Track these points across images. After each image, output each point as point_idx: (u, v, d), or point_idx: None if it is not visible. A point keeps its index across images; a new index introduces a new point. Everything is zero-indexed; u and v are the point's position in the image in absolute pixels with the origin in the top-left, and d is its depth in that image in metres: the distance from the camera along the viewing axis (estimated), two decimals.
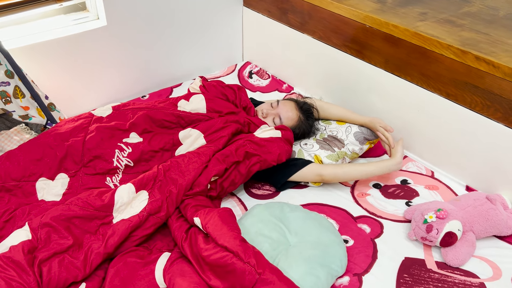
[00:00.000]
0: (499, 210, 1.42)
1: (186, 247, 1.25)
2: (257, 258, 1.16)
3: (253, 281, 1.11)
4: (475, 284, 1.29)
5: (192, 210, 1.34)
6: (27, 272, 1.12)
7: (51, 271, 1.16)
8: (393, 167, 1.56)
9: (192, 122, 1.59)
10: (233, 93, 1.73)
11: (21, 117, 1.54)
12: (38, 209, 1.35)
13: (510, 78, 1.38)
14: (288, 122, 1.68)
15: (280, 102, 1.72)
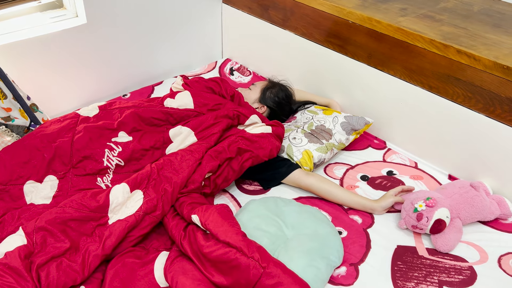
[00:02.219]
0: (482, 196, 1.49)
1: (185, 245, 1.25)
2: (260, 252, 1.17)
3: (257, 275, 1.12)
4: (465, 268, 1.35)
5: (188, 208, 1.33)
6: (25, 278, 1.09)
7: (49, 276, 1.13)
8: (376, 209, 1.52)
9: (181, 119, 1.58)
10: (217, 85, 1.72)
11: (3, 119, 1.49)
12: (29, 213, 1.31)
13: (490, 70, 1.44)
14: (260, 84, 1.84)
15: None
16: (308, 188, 1.59)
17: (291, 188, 1.63)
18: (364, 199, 1.54)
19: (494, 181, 1.59)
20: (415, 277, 1.32)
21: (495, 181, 1.59)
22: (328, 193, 1.55)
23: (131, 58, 2.09)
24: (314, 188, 1.57)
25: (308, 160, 1.66)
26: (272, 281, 1.11)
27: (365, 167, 1.75)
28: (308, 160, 1.66)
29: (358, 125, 1.78)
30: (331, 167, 1.75)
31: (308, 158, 1.67)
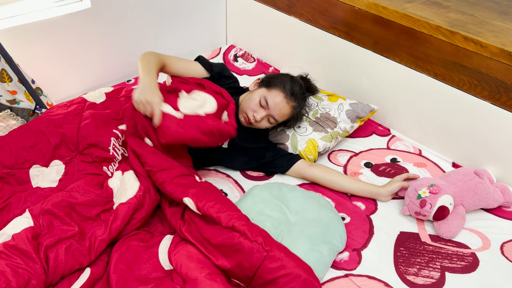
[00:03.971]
0: (486, 184, 1.49)
1: (186, 233, 1.25)
2: (263, 236, 1.17)
3: (261, 258, 1.13)
4: (467, 254, 1.36)
5: (175, 189, 1.30)
6: (33, 259, 1.10)
7: (58, 258, 1.14)
8: (380, 195, 1.51)
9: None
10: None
11: (9, 102, 1.49)
12: (35, 196, 1.32)
13: (497, 57, 1.43)
14: (283, 118, 1.58)
15: (269, 99, 1.53)
16: (313, 179, 1.59)
17: None
18: (370, 185, 1.54)
19: (499, 169, 1.59)
20: (417, 262, 1.33)
21: (500, 169, 1.59)
22: (333, 183, 1.56)
23: (136, 43, 2.08)
24: (318, 178, 1.57)
25: (313, 149, 1.66)
26: (275, 264, 1.12)
27: (369, 154, 1.75)
28: (312, 149, 1.66)
29: (363, 112, 1.78)
30: (334, 154, 1.75)
31: (313, 147, 1.66)
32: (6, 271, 1.06)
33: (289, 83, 1.57)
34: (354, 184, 1.54)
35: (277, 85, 1.56)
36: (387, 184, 1.54)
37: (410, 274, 1.29)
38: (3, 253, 1.09)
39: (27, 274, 1.08)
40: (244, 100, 1.60)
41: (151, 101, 1.29)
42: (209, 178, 1.60)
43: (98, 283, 1.19)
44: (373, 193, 1.53)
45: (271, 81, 1.58)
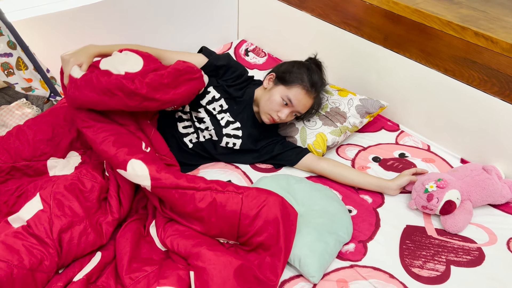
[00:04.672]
0: (494, 180, 1.49)
1: (166, 210, 1.30)
2: (231, 184, 1.25)
3: (239, 201, 1.20)
4: (473, 249, 1.36)
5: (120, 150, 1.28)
6: (46, 242, 1.13)
7: (71, 242, 1.17)
8: (389, 188, 1.52)
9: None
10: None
11: (24, 89, 1.52)
12: (50, 183, 1.34)
13: (508, 53, 1.43)
14: (306, 110, 1.60)
15: (292, 98, 1.53)
16: (321, 173, 1.60)
17: None
18: (379, 179, 1.55)
19: (508, 166, 1.59)
20: (423, 255, 1.33)
21: (509, 166, 1.58)
22: (342, 176, 1.57)
23: (148, 36, 2.11)
24: (327, 172, 1.58)
25: (322, 143, 1.67)
26: (252, 201, 1.22)
27: (377, 149, 1.76)
28: (321, 142, 1.67)
29: (373, 108, 1.78)
30: (343, 148, 1.77)
31: (322, 141, 1.68)
32: (21, 250, 1.09)
33: (306, 75, 1.55)
34: (363, 178, 1.55)
35: (295, 81, 1.54)
36: (395, 178, 1.54)
37: (415, 266, 1.30)
38: (20, 234, 1.13)
39: (40, 254, 1.11)
40: (264, 101, 1.57)
41: (64, 59, 1.30)
42: (217, 169, 1.62)
43: (108, 267, 1.22)
44: (381, 187, 1.54)
45: (288, 77, 1.56)
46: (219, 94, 1.56)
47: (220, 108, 1.56)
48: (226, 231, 1.24)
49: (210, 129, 1.56)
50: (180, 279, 1.12)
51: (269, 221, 1.20)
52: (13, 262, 1.06)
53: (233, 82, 1.61)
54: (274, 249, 1.22)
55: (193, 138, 1.59)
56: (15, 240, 1.11)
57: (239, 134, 1.59)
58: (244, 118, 1.61)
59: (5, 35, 1.46)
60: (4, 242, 1.10)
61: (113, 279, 1.19)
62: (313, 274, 1.22)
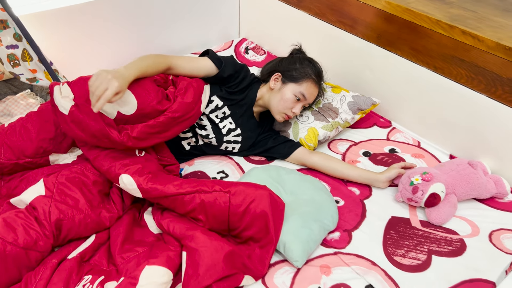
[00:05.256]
0: (479, 174, 1.53)
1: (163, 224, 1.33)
2: (217, 183, 1.29)
3: (227, 200, 1.25)
4: (455, 240, 1.40)
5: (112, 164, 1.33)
6: (44, 224, 1.19)
7: (71, 230, 1.23)
8: (378, 181, 1.57)
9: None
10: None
11: (29, 80, 1.60)
12: (55, 171, 1.38)
13: (494, 51, 1.48)
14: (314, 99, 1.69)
15: (305, 93, 1.61)
16: (312, 166, 1.65)
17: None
18: (368, 172, 1.59)
19: (494, 162, 1.62)
20: (405, 245, 1.38)
21: (495, 162, 1.62)
22: (332, 169, 1.62)
23: (151, 32, 2.18)
24: (318, 165, 1.63)
25: (313, 137, 1.72)
26: (240, 197, 1.26)
27: (368, 144, 1.80)
28: (313, 137, 1.72)
29: (365, 105, 1.83)
30: (335, 143, 1.82)
31: (313, 135, 1.73)
32: (18, 229, 1.16)
33: (311, 68, 1.63)
34: (353, 171, 1.60)
35: (304, 76, 1.61)
36: (384, 171, 1.59)
37: (398, 255, 1.35)
38: (22, 213, 1.19)
39: (36, 235, 1.17)
40: (276, 102, 1.61)
41: (109, 83, 1.22)
42: (211, 159, 1.68)
43: (102, 247, 1.28)
44: (370, 179, 1.58)
45: (295, 74, 1.62)
46: (222, 102, 1.59)
47: (223, 115, 1.60)
48: (217, 227, 1.29)
49: (211, 137, 1.61)
50: (169, 259, 1.18)
51: (257, 216, 1.25)
52: (8, 240, 1.12)
53: (236, 88, 1.62)
54: (264, 241, 1.26)
55: (192, 142, 1.64)
56: (16, 219, 1.17)
57: (238, 139, 1.65)
58: (244, 121, 1.65)
59: (11, 28, 1.54)
60: (5, 219, 1.16)
61: (105, 259, 1.25)
62: (296, 258, 1.27)
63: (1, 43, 1.53)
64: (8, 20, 1.52)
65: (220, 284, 1.15)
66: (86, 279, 1.16)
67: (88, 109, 1.29)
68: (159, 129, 1.39)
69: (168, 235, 1.28)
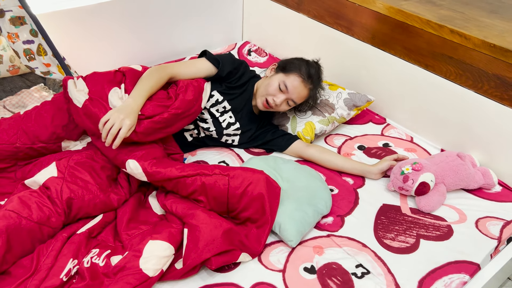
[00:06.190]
0: (467, 166, 1.60)
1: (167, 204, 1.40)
2: (217, 167, 1.37)
3: (226, 183, 1.33)
4: (443, 226, 1.48)
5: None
6: (56, 203, 1.28)
7: (81, 210, 1.32)
8: (370, 172, 1.64)
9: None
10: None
11: (43, 73, 1.71)
12: (66, 156, 1.47)
13: (479, 48, 1.57)
14: (301, 100, 1.71)
15: (288, 84, 1.65)
16: (309, 158, 1.74)
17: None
18: (362, 164, 1.67)
19: (483, 155, 1.70)
20: (395, 230, 1.45)
21: (483, 155, 1.70)
22: (328, 161, 1.70)
23: (158, 34, 2.30)
24: (314, 157, 1.72)
25: (310, 131, 1.81)
26: (238, 180, 1.34)
27: (363, 138, 1.89)
28: (310, 130, 1.81)
29: (360, 102, 1.92)
30: (331, 137, 1.90)
31: (310, 129, 1.82)
32: (32, 206, 1.25)
33: (305, 67, 1.69)
34: (347, 163, 1.68)
35: (293, 70, 1.67)
36: (377, 163, 1.67)
37: (387, 238, 1.42)
38: (36, 193, 1.28)
39: (49, 211, 1.26)
40: (262, 86, 1.69)
41: (122, 122, 1.34)
42: (213, 150, 1.77)
43: (108, 226, 1.37)
44: (364, 171, 1.66)
45: (288, 66, 1.69)
46: (222, 97, 1.68)
47: (223, 109, 1.69)
48: (217, 209, 1.37)
49: (212, 130, 1.70)
50: (171, 235, 1.26)
51: (255, 198, 1.33)
52: (23, 215, 1.21)
53: (236, 82, 1.72)
54: (261, 221, 1.35)
55: (194, 133, 1.73)
56: (30, 197, 1.27)
57: (238, 132, 1.74)
58: (244, 115, 1.75)
59: (28, 24, 1.65)
60: (20, 197, 1.26)
61: (111, 236, 1.34)
62: (291, 238, 1.35)
63: (19, 38, 1.64)
64: (25, 17, 1.64)
65: (218, 259, 1.23)
66: (94, 252, 1.24)
67: (101, 105, 1.41)
68: (164, 124, 1.48)
69: (171, 214, 1.36)
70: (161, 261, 1.20)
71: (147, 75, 1.53)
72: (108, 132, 1.35)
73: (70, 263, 1.19)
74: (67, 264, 1.18)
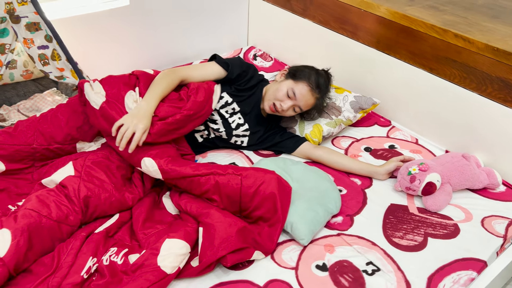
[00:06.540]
0: (472, 166, 1.65)
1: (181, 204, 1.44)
2: (230, 167, 1.41)
3: (238, 182, 1.36)
4: (450, 224, 1.51)
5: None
6: (73, 201, 1.31)
7: (98, 208, 1.36)
8: (378, 173, 1.68)
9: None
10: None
11: (57, 78, 1.74)
12: (82, 156, 1.51)
13: (483, 52, 1.61)
14: (307, 108, 1.75)
15: (296, 91, 1.68)
16: (317, 159, 1.77)
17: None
18: (369, 165, 1.71)
19: (487, 156, 1.75)
20: (403, 228, 1.49)
21: (487, 156, 1.74)
22: (335, 163, 1.74)
23: (166, 39, 2.34)
24: (322, 158, 1.76)
25: (318, 133, 1.85)
26: (251, 180, 1.37)
27: (369, 140, 1.93)
28: (317, 133, 1.85)
29: (366, 104, 1.96)
30: (338, 139, 1.94)
31: (318, 131, 1.86)
32: (51, 205, 1.28)
33: (314, 76, 1.73)
34: (354, 164, 1.72)
35: (303, 78, 1.71)
36: (384, 164, 1.71)
37: (396, 237, 1.46)
38: (54, 192, 1.32)
39: (67, 210, 1.30)
40: (271, 90, 1.73)
41: (136, 127, 1.40)
42: (222, 152, 1.81)
43: (125, 225, 1.41)
44: (371, 172, 1.70)
45: (298, 74, 1.73)
46: (232, 99, 1.73)
47: (232, 111, 1.74)
48: (230, 208, 1.41)
49: (221, 131, 1.74)
50: (187, 234, 1.30)
51: (267, 197, 1.37)
52: (43, 213, 1.25)
53: (245, 85, 1.77)
54: (273, 220, 1.38)
55: (204, 134, 1.77)
56: (48, 196, 1.30)
57: (247, 133, 1.78)
58: (252, 117, 1.79)
59: (43, 30, 1.70)
60: (38, 196, 1.29)
61: (128, 235, 1.37)
62: (303, 237, 1.38)
63: (34, 43, 1.68)
64: (40, 22, 1.68)
65: (233, 256, 1.26)
66: (112, 250, 1.28)
67: (117, 107, 1.45)
68: (176, 126, 1.53)
69: (185, 214, 1.40)
70: (178, 259, 1.23)
71: (160, 78, 1.58)
72: (122, 136, 1.39)
73: (90, 261, 1.22)
74: (87, 262, 1.21)
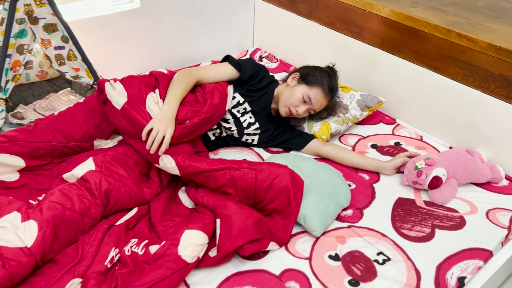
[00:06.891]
0: (476, 161, 1.70)
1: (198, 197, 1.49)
2: (245, 162, 1.46)
3: (253, 176, 1.42)
4: (456, 217, 1.57)
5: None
6: (95, 195, 1.36)
7: (118, 202, 1.41)
8: (385, 168, 1.74)
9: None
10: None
11: (73, 77, 1.79)
12: (101, 152, 1.55)
13: (486, 50, 1.67)
14: (320, 109, 1.82)
15: (312, 96, 1.74)
16: (326, 156, 1.83)
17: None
18: (376, 161, 1.77)
19: (490, 151, 1.80)
20: (411, 220, 1.54)
21: (490, 151, 1.80)
22: (344, 159, 1.79)
23: (175, 41, 2.40)
24: (331, 155, 1.81)
25: (326, 130, 1.91)
26: (265, 174, 1.43)
27: (376, 138, 1.99)
28: (326, 130, 1.91)
29: (372, 103, 2.02)
30: (345, 136, 2.00)
31: (326, 128, 1.91)
32: (74, 198, 1.33)
33: (327, 80, 1.78)
34: (362, 160, 1.78)
35: (316, 83, 1.76)
36: (391, 159, 1.76)
37: (405, 228, 1.51)
38: (75, 185, 1.37)
39: (89, 203, 1.35)
40: (285, 96, 1.77)
41: (165, 130, 1.46)
42: (233, 149, 1.86)
43: (144, 218, 1.45)
44: (378, 167, 1.76)
45: (311, 78, 1.78)
46: (243, 99, 1.78)
47: (244, 110, 1.79)
48: (245, 201, 1.46)
49: (233, 130, 1.79)
50: (204, 225, 1.34)
51: (280, 190, 1.42)
52: (66, 206, 1.30)
53: (257, 86, 1.81)
54: (286, 212, 1.43)
55: (216, 132, 1.82)
56: (70, 189, 1.35)
57: (257, 132, 1.83)
58: (263, 116, 1.84)
59: (59, 31, 1.75)
60: (61, 190, 1.34)
61: (147, 228, 1.42)
62: (315, 228, 1.43)
63: (51, 44, 1.73)
64: (57, 24, 1.73)
65: (250, 246, 1.31)
66: (133, 242, 1.32)
67: (139, 108, 1.50)
68: (194, 129, 1.59)
69: (202, 207, 1.45)
70: (197, 249, 1.28)
71: (177, 80, 1.64)
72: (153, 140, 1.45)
73: (113, 251, 1.27)
74: (110, 252, 1.26)
